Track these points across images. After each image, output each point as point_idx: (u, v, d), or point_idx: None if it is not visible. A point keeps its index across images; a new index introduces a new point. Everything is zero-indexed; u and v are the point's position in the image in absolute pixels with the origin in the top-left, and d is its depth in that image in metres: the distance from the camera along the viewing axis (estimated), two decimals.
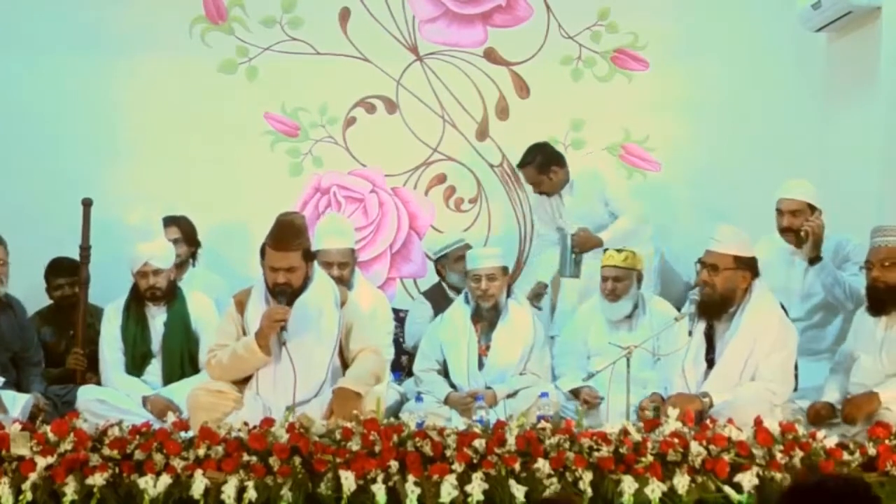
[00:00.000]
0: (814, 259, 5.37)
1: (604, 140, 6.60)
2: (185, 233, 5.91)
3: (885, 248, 4.82)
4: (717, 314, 4.83)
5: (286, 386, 4.65)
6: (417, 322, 5.97)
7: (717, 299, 4.81)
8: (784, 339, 4.82)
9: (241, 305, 4.81)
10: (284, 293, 4.66)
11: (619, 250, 5.45)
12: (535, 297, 6.00)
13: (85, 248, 5.50)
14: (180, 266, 5.75)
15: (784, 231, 5.47)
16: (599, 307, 5.51)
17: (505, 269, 5.54)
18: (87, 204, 5.51)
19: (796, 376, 4.95)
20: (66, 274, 5.78)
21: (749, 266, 4.84)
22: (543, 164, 6.06)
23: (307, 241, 4.79)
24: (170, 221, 5.83)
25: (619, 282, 5.42)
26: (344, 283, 5.23)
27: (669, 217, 6.49)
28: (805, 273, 5.47)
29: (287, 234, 4.67)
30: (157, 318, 5.35)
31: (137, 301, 5.34)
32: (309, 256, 4.77)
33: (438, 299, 5.96)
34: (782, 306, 5.03)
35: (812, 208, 5.43)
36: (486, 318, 5.43)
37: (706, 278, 4.82)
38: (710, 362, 4.83)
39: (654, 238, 6.11)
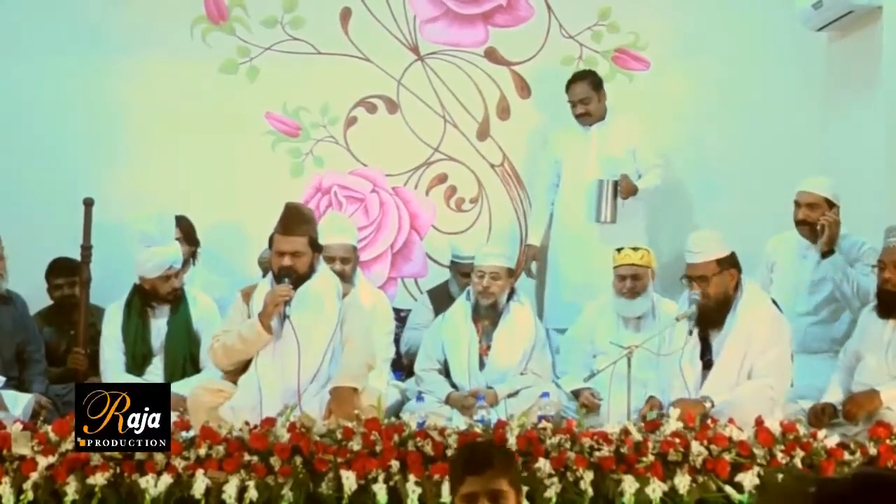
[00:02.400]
0: (826, 253, 5.37)
1: None
2: (185, 232, 5.93)
3: None
4: (718, 321, 4.84)
5: (285, 363, 4.69)
6: (414, 327, 5.97)
7: (713, 306, 4.83)
8: (777, 333, 4.83)
9: (247, 296, 4.90)
10: (289, 276, 4.74)
11: (635, 249, 5.42)
12: (528, 261, 6.21)
13: (86, 248, 5.50)
14: (183, 265, 5.78)
15: (800, 223, 5.48)
16: (612, 305, 5.46)
17: (510, 270, 5.52)
18: (88, 203, 5.51)
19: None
20: (66, 274, 5.78)
21: (732, 263, 4.86)
22: (598, 84, 6.17)
23: (314, 230, 4.89)
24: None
25: (638, 280, 5.40)
26: (345, 278, 5.24)
27: (667, 216, 6.51)
28: (815, 268, 5.47)
29: (294, 219, 4.80)
30: (160, 318, 5.35)
31: (141, 301, 5.34)
32: (315, 247, 4.85)
33: (442, 299, 5.95)
34: (774, 302, 5.04)
35: (830, 204, 5.43)
36: (486, 316, 5.42)
37: (697, 289, 4.84)
38: (707, 363, 4.84)
39: (643, 238, 6.14)
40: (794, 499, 1.76)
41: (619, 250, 5.47)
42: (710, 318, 4.83)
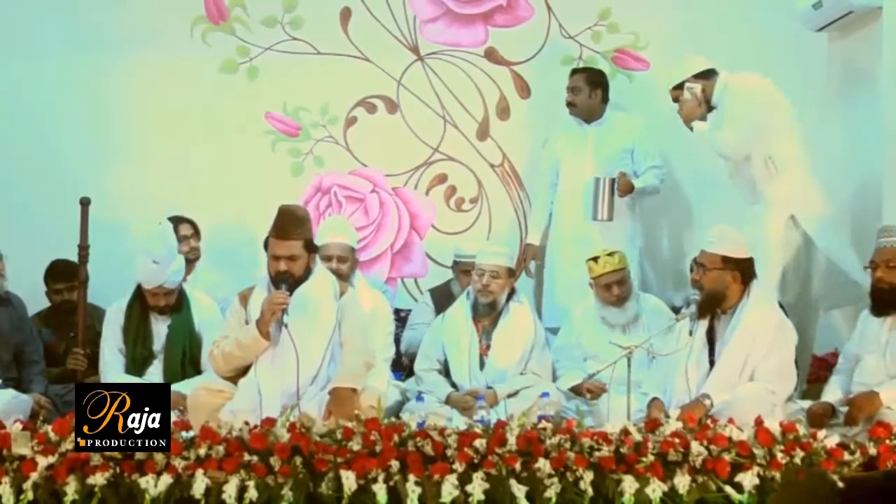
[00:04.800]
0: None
1: None
2: (197, 229, 5.96)
3: (890, 248, 4.81)
4: (708, 312, 4.85)
5: (284, 368, 4.69)
6: (414, 327, 5.97)
7: (704, 299, 4.85)
8: (782, 338, 4.84)
9: (244, 300, 4.91)
10: (286, 281, 4.74)
11: (610, 254, 5.40)
12: (527, 261, 6.25)
13: (83, 248, 5.48)
14: (192, 261, 5.82)
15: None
16: (598, 313, 5.47)
17: (511, 270, 5.50)
18: (85, 203, 5.49)
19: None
20: (66, 279, 5.76)
21: (739, 266, 4.85)
22: (596, 82, 6.20)
23: (309, 232, 4.88)
24: (183, 219, 5.87)
25: (623, 284, 5.41)
26: (342, 278, 5.24)
27: (666, 216, 6.51)
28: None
29: (288, 223, 4.79)
30: (161, 320, 5.34)
31: (141, 304, 5.34)
32: (311, 248, 4.86)
33: (444, 299, 5.94)
34: (781, 306, 5.05)
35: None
36: (485, 315, 5.41)
37: (695, 277, 4.94)
38: (713, 364, 4.84)
39: (640, 238, 6.14)
40: (818, 497, 1.76)
41: (595, 260, 5.42)
42: (701, 309, 4.84)
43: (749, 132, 5.40)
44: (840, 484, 1.75)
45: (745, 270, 4.87)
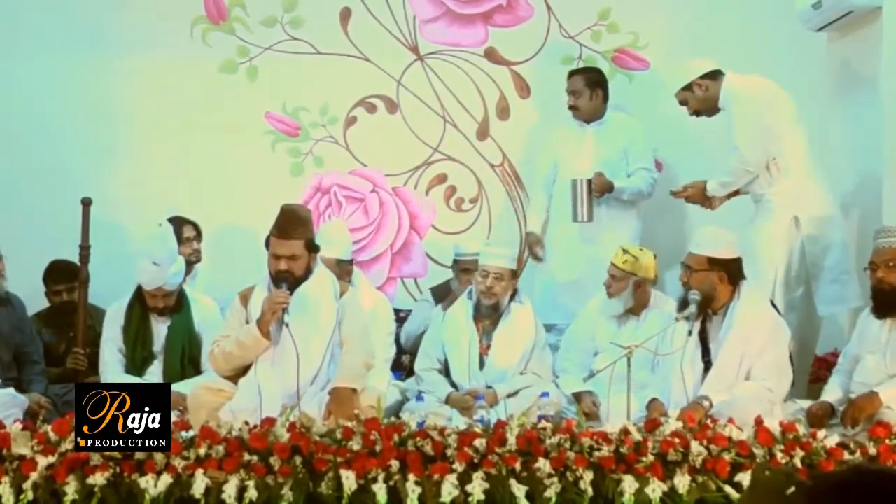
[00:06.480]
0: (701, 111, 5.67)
1: None
2: (199, 231, 5.96)
3: (890, 248, 4.81)
4: (698, 313, 4.87)
5: (284, 368, 4.70)
6: (415, 319, 5.98)
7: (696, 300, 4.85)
8: (776, 336, 4.85)
9: (245, 299, 4.90)
10: (286, 280, 4.74)
11: (624, 251, 5.42)
12: (532, 248, 6.22)
13: (84, 248, 5.49)
14: (194, 263, 5.84)
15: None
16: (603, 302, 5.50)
17: (514, 272, 5.50)
18: (86, 203, 5.50)
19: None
20: (65, 280, 5.76)
21: (726, 267, 4.85)
22: (594, 82, 6.18)
23: (311, 231, 4.89)
24: (186, 220, 5.88)
25: (616, 281, 5.41)
26: None
27: (665, 217, 6.51)
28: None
29: (290, 223, 4.79)
30: (161, 321, 5.34)
31: (141, 304, 5.34)
32: (312, 248, 4.85)
33: (444, 298, 5.93)
34: (773, 304, 5.04)
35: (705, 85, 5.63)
36: (487, 316, 5.42)
37: (682, 278, 4.94)
38: (708, 364, 4.85)
39: (639, 238, 6.15)
40: (783, 494, 1.76)
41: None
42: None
43: (761, 139, 5.42)
44: (808, 481, 1.76)
45: (731, 271, 4.87)
